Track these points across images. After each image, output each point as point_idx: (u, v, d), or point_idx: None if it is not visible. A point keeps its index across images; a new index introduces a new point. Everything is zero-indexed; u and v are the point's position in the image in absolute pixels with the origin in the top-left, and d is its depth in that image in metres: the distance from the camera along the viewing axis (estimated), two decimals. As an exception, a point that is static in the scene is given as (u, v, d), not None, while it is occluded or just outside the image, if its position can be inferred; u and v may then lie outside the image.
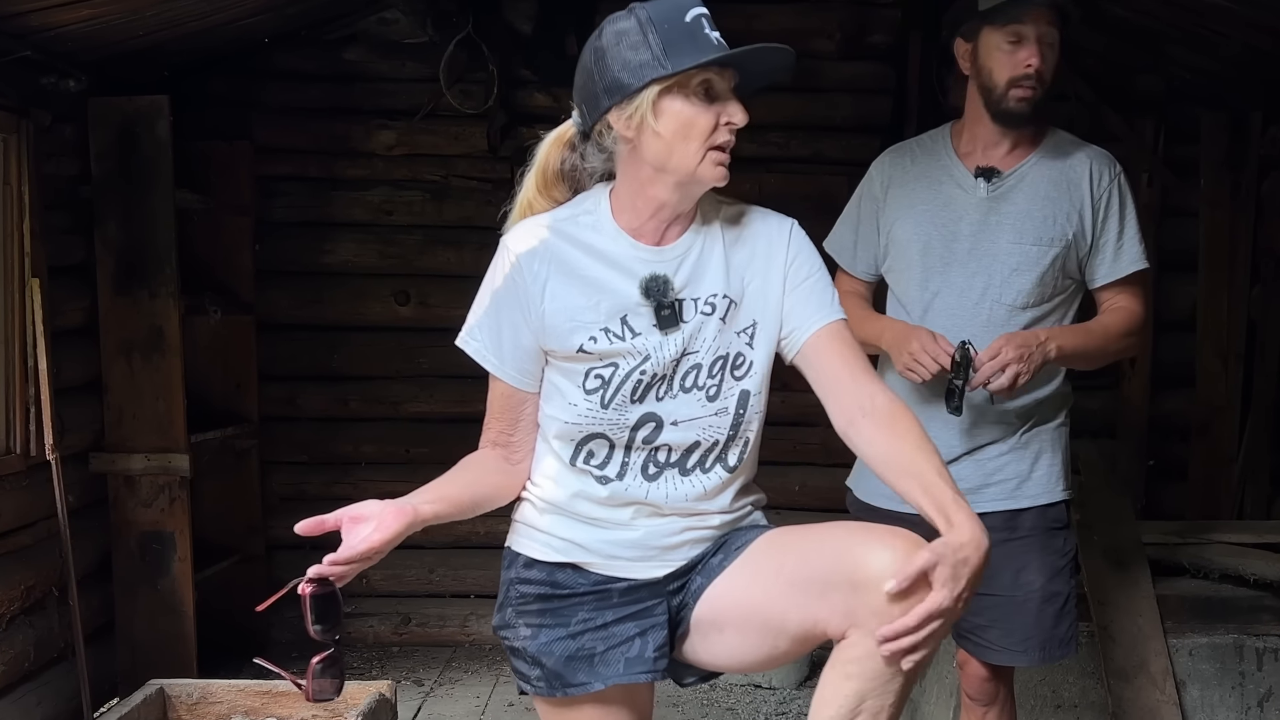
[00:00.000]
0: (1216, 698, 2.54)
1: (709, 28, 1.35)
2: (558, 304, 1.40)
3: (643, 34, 1.34)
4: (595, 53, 1.39)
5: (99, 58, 2.88)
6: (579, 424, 1.42)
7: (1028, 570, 1.92)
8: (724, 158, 1.37)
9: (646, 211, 1.41)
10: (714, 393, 1.42)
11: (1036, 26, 1.84)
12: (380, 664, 3.55)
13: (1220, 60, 3.24)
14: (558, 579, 1.45)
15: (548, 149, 1.49)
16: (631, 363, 1.40)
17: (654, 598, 1.45)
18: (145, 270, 3.00)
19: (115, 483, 3.04)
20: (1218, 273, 3.60)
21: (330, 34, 3.57)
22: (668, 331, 1.40)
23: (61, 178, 2.91)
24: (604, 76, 1.37)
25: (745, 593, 1.40)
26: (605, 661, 1.43)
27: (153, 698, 2.33)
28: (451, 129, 3.61)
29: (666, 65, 1.32)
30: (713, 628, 1.44)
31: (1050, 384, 1.95)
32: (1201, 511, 3.56)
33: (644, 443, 1.42)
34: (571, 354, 1.41)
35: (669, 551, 1.44)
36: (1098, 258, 1.94)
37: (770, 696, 3.32)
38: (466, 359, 1.47)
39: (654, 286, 1.39)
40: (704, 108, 1.34)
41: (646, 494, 1.42)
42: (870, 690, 1.28)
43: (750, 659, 1.45)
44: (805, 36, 3.56)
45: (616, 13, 1.39)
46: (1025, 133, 1.93)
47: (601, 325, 1.40)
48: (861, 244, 2.06)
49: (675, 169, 1.36)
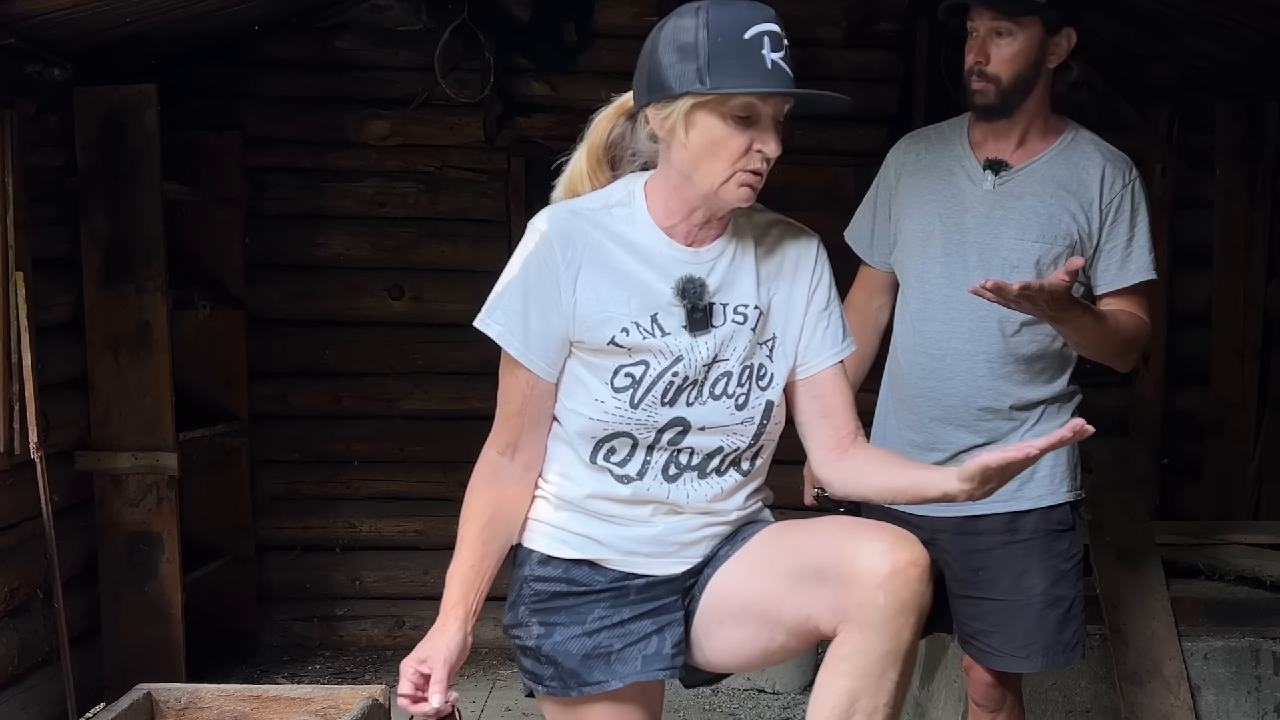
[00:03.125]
0: (1232, 703, 2.51)
1: (769, 48, 1.30)
2: (590, 293, 1.39)
3: (695, 40, 1.31)
4: (653, 40, 1.37)
5: (85, 46, 2.85)
6: (605, 422, 1.40)
7: (1029, 574, 1.90)
8: (751, 180, 1.35)
9: (680, 212, 1.41)
10: (742, 402, 1.42)
11: (983, 21, 1.84)
12: (374, 668, 3.53)
13: (1236, 49, 3.21)
14: (574, 576, 1.44)
15: (605, 117, 1.47)
16: (663, 363, 1.39)
17: (671, 594, 1.45)
18: (132, 264, 2.97)
19: (101, 482, 3.01)
20: (1233, 266, 3.58)
21: (322, 21, 3.55)
22: (697, 334, 1.39)
23: (46, 169, 2.89)
24: (653, 69, 1.35)
25: (743, 584, 1.41)
26: (623, 659, 1.42)
27: (140, 703, 2.31)
28: (446, 119, 3.59)
29: (706, 82, 1.30)
30: (713, 621, 1.44)
31: (1054, 382, 1.93)
32: (1217, 511, 3.54)
33: (669, 444, 1.41)
34: (602, 346, 1.39)
35: (687, 548, 1.44)
36: (1103, 263, 1.90)
37: (774, 701, 3.30)
38: (462, 354, 1.45)
39: (690, 289, 1.39)
40: (738, 131, 1.32)
41: (668, 494, 1.42)
42: (863, 688, 1.28)
43: (748, 653, 1.44)
44: (810, 23, 3.54)
45: (687, 5, 1.35)
46: (1040, 128, 1.90)
47: (632, 319, 1.39)
48: (878, 234, 2.05)
49: (699, 182, 1.36)
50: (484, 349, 1.51)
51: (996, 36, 1.83)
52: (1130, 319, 1.90)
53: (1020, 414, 1.92)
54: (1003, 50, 1.83)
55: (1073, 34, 1.86)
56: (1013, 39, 1.83)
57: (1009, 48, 1.83)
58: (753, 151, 1.33)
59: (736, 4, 1.32)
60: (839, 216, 2.15)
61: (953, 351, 1.91)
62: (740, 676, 3.30)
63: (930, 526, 1.93)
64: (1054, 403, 1.95)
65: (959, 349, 1.91)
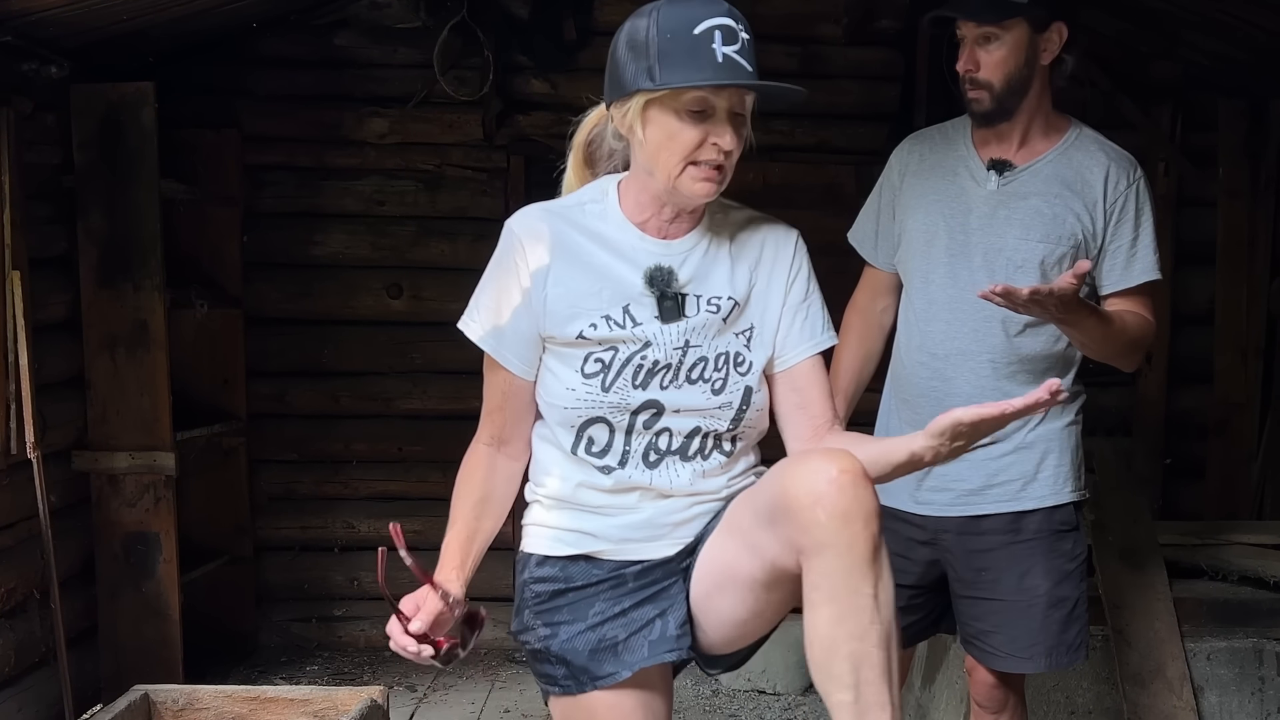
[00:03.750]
0: (1235, 704, 2.50)
1: (720, 41, 1.31)
2: (560, 289, 1.41)
3: (645, 38, 1.33)
4: (615, 43, 1.40)
5: (82, 43, 2.84)
6: (578, 408, 1.42)
7: (1032, 574, 1.89)
8: (709, 173, 1.36)
9: (650, 208, 1.43)
10: (719, 386, 1.44)
11: (969, 28, 1.84)
12: (372, 669, 3.51)
13: (1240, 46, 3.20)
14: (571, 573, 1.46)
15: (588, 119, 1.51)
16: (632, 348, 1.41)
17: (669, 577, 1.46)
18: (130, 262, 2.96)
19: (98, 482, 3.00)
20: (1236, 265, 3.56)
21: (320, 19, 3.54)
22: (669, 323, 1.41)
23: (43, 167, 2.88)
24: (612, 69, 1.39)
25: (719, 552, 1.43)
26: (629, 648, 1.44)
27: (137, 704, 2.29)
28: (445, 117, 3.58)
29: (656, 78, 1.32)
30: (704, 596, 1.46)
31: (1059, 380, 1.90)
32: (1220, 511, 3.53)
33: (644, 427, 1.43)
34: (570, 340, 1.42)
35: (679, 528, 1.46)
36: (1107, 263, 1.90)
37: (774, 702, 3.29)
38: (461, 354, 1.47)
39: (658, 276, 1.41)
40: (691, 125, 1.34)
41: (650, 480, 1.44)
42: (841, 611, 1.24)
43: (741, 617, 1.45)
44: (811, 21, 3.54)
45: (646, 5, 1.37)
46: (1041, 126, 1.89)
47: (603, 312, 1.41)
48: (882, 235, 2.04)
49: (658, 177, 1.38)
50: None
51: (984, 42, 1.83)
52: (1136, 319, 1.89)
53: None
54: (991, 55, 1.83)
55: (1063, 28, 1.85)
56: (1000, 43, 1.82)
57: (997, 52, 1.83)
58: (707, 144, 1.34)
59: (689, 2, 1.33)
60: (840, 215, 2.14)
61: (957, 352, 1.91)
62: (741, 677, 3.29)
63: (933, 527, 1.93)
64: (1058, 402, 1.93)
65: (963, 349, 1.90)
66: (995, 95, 1.84)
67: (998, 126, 1.88)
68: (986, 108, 1.86)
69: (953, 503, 1.92)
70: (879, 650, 1.24)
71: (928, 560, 1.96)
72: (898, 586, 1.88)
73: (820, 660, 1.27)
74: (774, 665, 3.27)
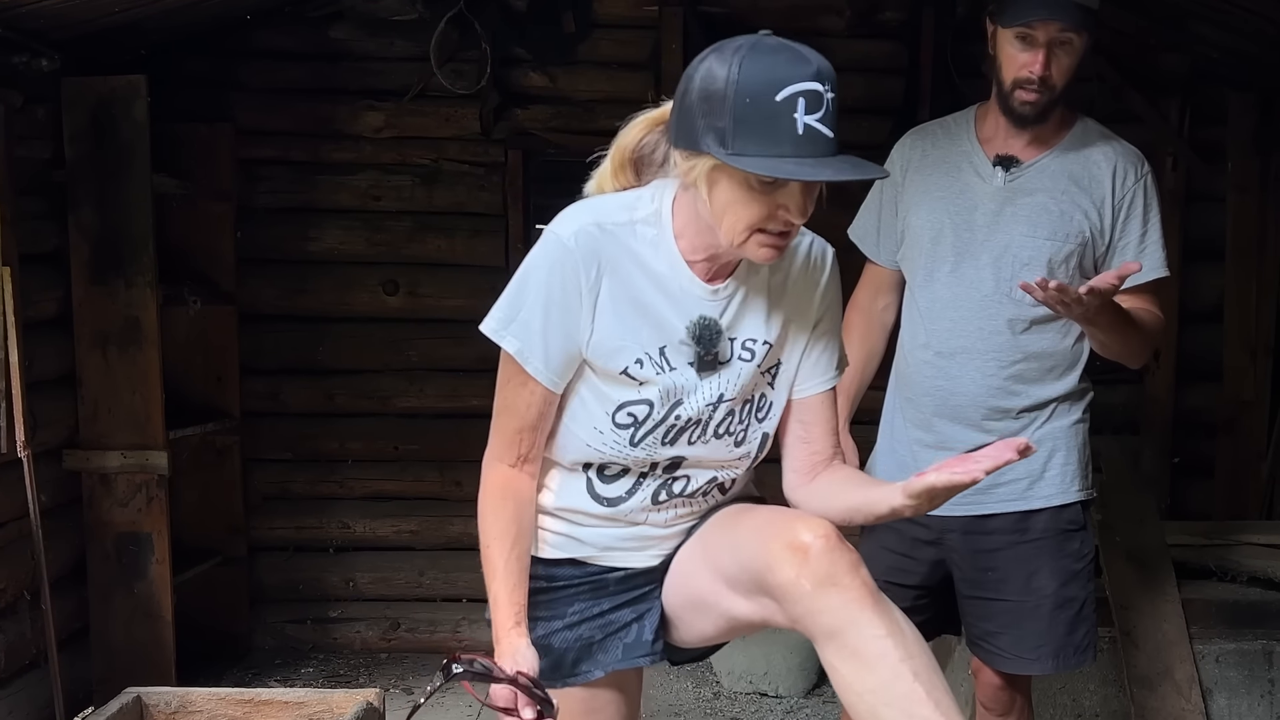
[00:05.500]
0: (1244, 706, 2.51)
1: (804, 110, 1.21)
2: (607, 318, 1.36)
3: (723, 94, 1.22)
4: (688, 77, 1.29)
5: (72, 36, 2.82)
6: (602, 451, 1.41)
7: (1040, 575, 1.89)
8: (775, 240, 1.30)
9: (703, 250, 1.38)
10: (741, 438, 1.44)
11: (1048, 30, 1.81)
12: (368, 671, 3.50)
13: (1249, 38, 3.19)
14: (554, 573, 1.48)
15: (640, 123, 1.42)
16: (665, 407, 1.39)
17: (649, 583, 1.49)
18: (121, 258, 2.94)
19: (90, 481, 2.98)
20: (1245, 261, 3.54)
21: (314, 10, 3.50)
22: (704, 375, 1.39)
23: (34, 161, 2.86)
24: (683, 112, 1.29)
25: (692, 577, 1.45)
26: (604, 649, 1.46)
27: (129, 706, 2.28)
28: (442, 110, 3.55)
29: (729, 146, 1.23)
30: (676, 604, 1.49)
31: (1064, 380, 1.91)
32: (1229, 511, 3.52)
33: (663, 472, 1.44)
34: (614, 374, 1.38)
35: (665, 540, 1.48)
36: (1116, 260, 1.89)
37: (776, 705, 3.27)
38: (458, 351, 1.42)
39: (705, 335, 1.38)
40: (761, 196, 1.26)
41: (647, 519, 1.46)
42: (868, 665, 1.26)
43: (714, 636, 1.50)
44: (813, 13, 3.51)
45: (729, 43, 1.26)
46: (1048, 123, 1.88)
47: (643, 350, 1.38)
48: (884, 231, 2.03)
49: (721, 236, 1.32)
50: (480, 345, 1.48)
51: (1060, 46, 1.82)
52: (1149, 317, 1.89)
53: (1029, 414, 1.90)
54: (1063, 61, 1.83)
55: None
56: (1072, 48, 1.83)
57: (1068, 58, 1.83)
58: (777, 215, 1.28)
59: (777, 55, 1.22)
60: (843, 209, 2.10)
61: (962, 350, 1.90)
62: (743, 679, 3.27)
63: (938, 526, 1.93)
64: (1065, 400, 1.93)
65: (968, 347, 1.89)
66: (1053, 99, 1.84)
67: (1033, 128, 1.87)
68: (1039, 110, 1.84)
69: (958, 502, 1.87)
70: (918, 684, 1.25)
71: (933, 560, 1.96)
72: (902, 586, 1.87)
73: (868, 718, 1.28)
74: (776, 668, 3.25)
